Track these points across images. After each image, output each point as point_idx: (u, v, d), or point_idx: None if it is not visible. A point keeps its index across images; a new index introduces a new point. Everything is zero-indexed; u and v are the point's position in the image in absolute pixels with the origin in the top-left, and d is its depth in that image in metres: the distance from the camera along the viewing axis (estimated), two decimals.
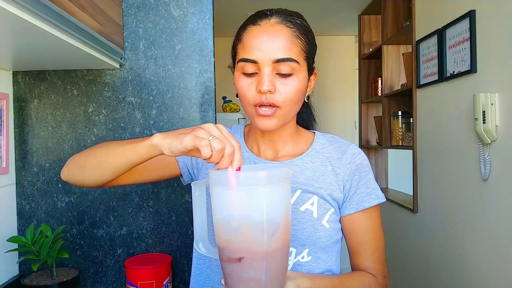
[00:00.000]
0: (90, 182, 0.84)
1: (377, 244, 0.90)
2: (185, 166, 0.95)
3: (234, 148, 0.66)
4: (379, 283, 0.88)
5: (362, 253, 0.90)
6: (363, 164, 0.90)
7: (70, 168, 0.86)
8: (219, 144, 0.64)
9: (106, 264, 1.33)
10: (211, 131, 0.67)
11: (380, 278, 0.89)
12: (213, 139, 0.65)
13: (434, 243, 1.93)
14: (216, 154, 0.65)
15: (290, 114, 0.83)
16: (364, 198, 0.88)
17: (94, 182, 0.84)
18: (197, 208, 0.75)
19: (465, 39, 1.58)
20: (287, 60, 0.78)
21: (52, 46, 0.98)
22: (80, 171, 0.83)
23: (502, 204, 1.39)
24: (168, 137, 0.69)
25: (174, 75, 1.32)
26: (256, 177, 0.67)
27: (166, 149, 0.69)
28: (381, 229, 0.92)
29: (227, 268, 0.69)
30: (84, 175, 0.83)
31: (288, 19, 0.81)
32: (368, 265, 0.89)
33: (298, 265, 0.85)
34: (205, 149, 0.64)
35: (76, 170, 0.84)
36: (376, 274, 0.89)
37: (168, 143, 0.69)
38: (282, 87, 0.79)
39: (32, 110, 1.31)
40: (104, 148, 0.81)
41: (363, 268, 0.90)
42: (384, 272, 0.91)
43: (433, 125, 1.91)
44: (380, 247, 0.91)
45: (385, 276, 0.90)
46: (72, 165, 0.85)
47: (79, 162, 0.84)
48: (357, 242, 0.90)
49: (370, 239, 0.89)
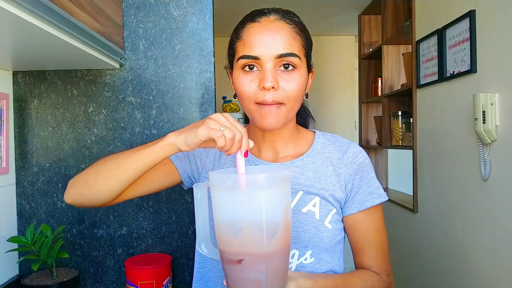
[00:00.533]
0: (100, 199, 0.82)
1: (380, 243, 0.90)
2: (185, 172, 0.94)
3: (242, 134, 0.71)
4: (383, 281, 0.87)
5: (365, 252, 0.89)
6: (364, 163, 0.89)
7: (76, 188, 0.82)
8: (230, 133, 0.69)
9: (106, 264, 1.33)
10: (221, 121, 0.71)
11: (384, 276, 0.88)
12: (224, 129, 0.69)
13: (434, 243, 1.93)
14: (228, 143, 0.69)
15: (293, 111, 0.83)
16: (366, 197, 0.88)
17: (104, 198, 0.81)
18: (199, 209, 0.75)
19: (465, 39, 1.58)
20: (290, 55, 0.77)
21: (52, 46, 0.98)
22: (89, 188, 0.81)
23: (502, 204, 1.39)
24: (182, 133, 0.73)
25: (174, 75, 1.32)
26: (255, 180, 0.67)
27: (182, 144, 0.73)
28: (384, 227, 0.91)
29: (228, 269, 0.69)
30: (95, 191, 0.81)
31: (286, 16, 0.81)
32: (371, 264, 0.89)
33: (301, 266, 0.85)
34: (220, 139, 0.68)
35: (84, 188, 0.81)
36: (379, 273, 0.88)
37: (183, 137, 0.72)
38: (285, 83, 0.78)
39: (32, 110, 1.31)
40: (113, 160, 0.80)
41: (366, 266, 0.89)
42: (388, 270, 0.90)
43: (433, 125, 1.91)
44: (383, 245, 0.90)
45: (389, 274, 0.89)
46: (78, 185, 0.82)
47: (88, 179, 0.81)
48: (360, 241, 0.89)
49: (373, 238, 0.89)
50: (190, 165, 0.94)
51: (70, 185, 0.84)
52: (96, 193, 0.81)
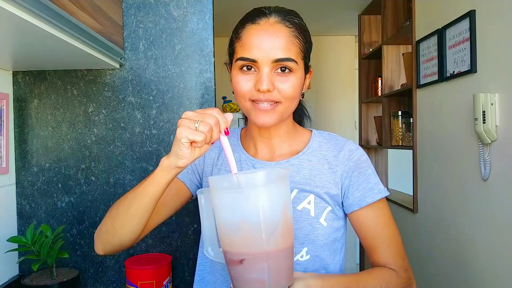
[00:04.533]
0: (126, 241, 0.83)
1: (390, 238, 0.88)
2: (192, 183, 0.95)
3: (215, 117, 0.70)
4: (401, 277, 0.85)
5: (377, 249, 0.87)
6: (361, 160, 0.89)
7: (101, 239, 0.84)
8: (206, 125, 0.68)
9: (106, 264, 1.32)
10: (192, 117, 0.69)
11: (402, 272, 0.86)
12: (198, 124, 0.68)
13: (434, 243, 1.93)
14: (208, 135, 0.68)
15: (289, 110, 0.84)
16: (366, 193, 0.87)
17: (130, 239, 0.82)
18: (204, 214, 0.76)
19: (465, 39, 1.58)
20: (286, 60, 0.78)
21: (52, 46, 0.98)
22: (112, 235, 0.82)
23: (502, 204, 1.39)
24: (171, 152, 0.73)
25: (174, 75, 1.32)
26: (251, 179, 0.68)
27: (177, 160, 0.72)
28: (392, 222, 0.89)
29: (232, 270, 0.69)
30: (118, 236, 0.82)
31: (286, 18, 0.81)
32: (386, 261, 0.86)
33: (297, 264, 0.85)
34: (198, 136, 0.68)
35: (108, 237, 0.83)
36: (396, 269, 0.85)
37: (174, 155, 0.72)
38: (281, 84, 0.79)
39: (32, 110, 1.31)
40: (123, 201, 0.81)
41: (382, 264, 0.87)
42: (405, 265, 0.87)
43: (433, 125, 1.91)
44: (395, 240, 0.88)
45: (406, 270, 0.87)
46: (102, 236, 0.84)
47: (108, 228, 0.83)
48: (369, 238, 0.87)
49: (382, 234, 0.87)
50: (194, 175, 0.95)
51: (95, 237, 0.86)
52: (121, 237, 0.82)
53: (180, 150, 0.70)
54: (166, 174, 0.74)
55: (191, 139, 0.68)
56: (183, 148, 0.69)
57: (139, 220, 0.80)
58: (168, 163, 0.73)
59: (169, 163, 0.73)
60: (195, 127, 0.68)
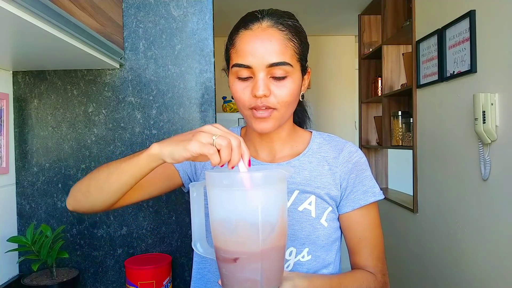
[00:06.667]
0: (97, 207, 0.83)
1: (375, 242, 0.90)
2: (186, 174, 0.95)
3: (239, 140, 0.67)
4: (378, 281, 0.88)
5: (360, 251, 0.89)
6: (359, 162, 0.90)
7: (75, 196, 0.84)
8: (224, 140, 0.65)
9: (106, 264, 1.33)
10: (212, 131, 0.67)
11: (379, 276, 0.89)
12: (216, 137, 0.65)
13: (434, 243, 1.93)
14: (224, 151, 0.65)
15: (286, 115, 0.84)
16: (361, 196, 0.88)
17: (101, 206, 0.83)
18: (195, 208, 0.75)
19: (465, 39, 1.58)
20: (281, 64, 0.78)
21: (52, 46, 0.98)
22: (85, 197, 0.82)
23: (502, 204, 1.39)
24: (168, 145, 0.70)
25: (174, 75, 1.32)
26: (251, 178, 0.67)
27: (168, 157, 0.70)
28: (379, 226, 0.92)
29: (223, 268, 0.69)
30: (91, 200, 0.82)
31: (279, 21, 0.80)
32: (366, 263, 0.89)
33: (298, 264, 0.85)
34: (214, 156, 0.64)
35: (81, 197, 0.83)
36: (375, 272, 0.88)
37: (169, 150, 0.69)
38: (277, 89, 0.79)
39: (32, 110, 1.31)
40: (105, 169, 0.80)
41: (362, 266, 0.89)
42: (383, 270, 0.90)
43: (433, 125, 1.91)
44: (379, 245, 0.90)
45: (384, 274, 0.90)
46: (77, 194, 0.84)
47: (83, 188, 0.83)
48: (356, 240, 0.90)
49: (368, 237, 0.89)
50: (190, 167, 0.95)
51: (70, 193, 0.86)
52: (92, 201, 0.82)
53: (180, 154, 0.67)
54: (151, 162, 0.73)
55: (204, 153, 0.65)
56: (185, 155, 0.67)
57: (114, 193, 0.79)
58: (156, 152, 0.71)
59: (157, 153, 0.70)
60: (213, 139, 0.65)
